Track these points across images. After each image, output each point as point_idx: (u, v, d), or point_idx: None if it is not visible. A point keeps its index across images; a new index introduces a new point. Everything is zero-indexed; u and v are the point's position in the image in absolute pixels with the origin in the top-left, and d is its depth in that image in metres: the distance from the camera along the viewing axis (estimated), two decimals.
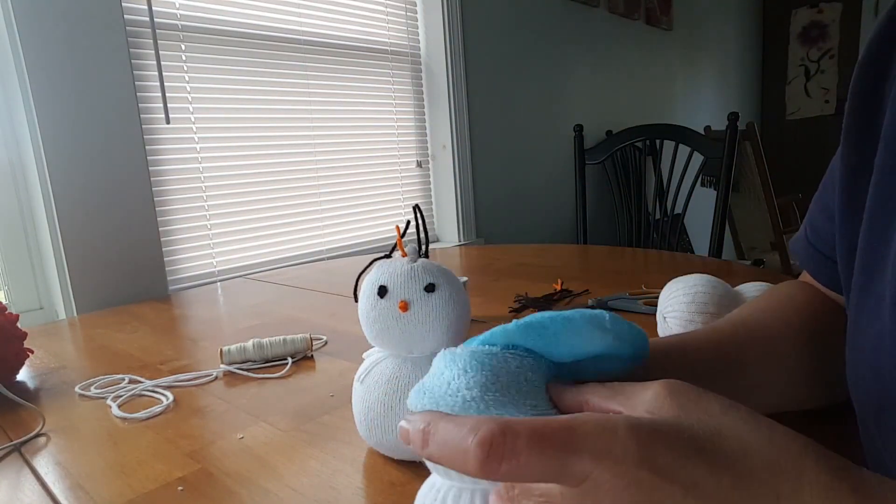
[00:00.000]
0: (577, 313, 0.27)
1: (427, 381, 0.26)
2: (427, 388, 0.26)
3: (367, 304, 0.39)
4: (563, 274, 1.01)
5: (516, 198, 2.11)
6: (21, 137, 1.05)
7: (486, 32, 1.93)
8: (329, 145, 1.59)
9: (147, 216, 1.17)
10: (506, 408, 0.24)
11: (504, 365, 0.26)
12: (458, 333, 0.40)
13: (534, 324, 0.26)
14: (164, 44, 1.23)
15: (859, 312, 0.31)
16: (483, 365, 0.25)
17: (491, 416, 0.21)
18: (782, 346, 0.39)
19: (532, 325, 0.26)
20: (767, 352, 0.38)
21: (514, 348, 0.27)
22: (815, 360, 0.39)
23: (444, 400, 0.24)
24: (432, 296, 0.39)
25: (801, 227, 0.44)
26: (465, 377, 0.25)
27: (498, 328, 0.27)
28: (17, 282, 1.09)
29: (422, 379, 0.27)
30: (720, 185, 1.62)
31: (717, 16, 3.41)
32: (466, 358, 0.26)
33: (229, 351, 0.65)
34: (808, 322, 0.40)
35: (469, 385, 0.24)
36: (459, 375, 0.25)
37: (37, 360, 0.75)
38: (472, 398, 0.24)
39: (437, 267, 0.40)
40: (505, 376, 0.25)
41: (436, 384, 0.26)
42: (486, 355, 0.26)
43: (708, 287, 0.56)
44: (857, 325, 0.31)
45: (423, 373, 0.39)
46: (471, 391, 0.24)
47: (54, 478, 0.44)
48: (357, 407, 0.42)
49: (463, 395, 0.24)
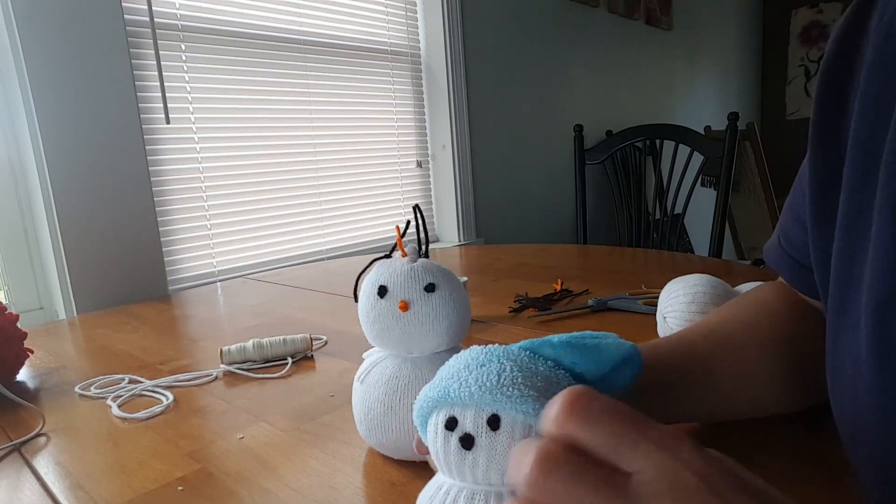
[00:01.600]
0: (601, 335, 0.29)
1: (466, 375, 0.26)
2: (472, 381, 0.25)
3: (367, 304, 0.39)
4: (563, 274, 1.01)
5: (516, 198, 2.11)
6: (21, 137, 1.05)
7: (486, 32, 1.93)
8: (329, 145, 1.59)
9: (147, 216, 1.17)
10: None
11: (540, 370, 0.27)
12: (459, 333, 0.40)
13: (573, 340, 0.28)
14: (164, 44, 1.23)
15: (838, 332, 0.30)
16: (521, 366, 0.26)
17: None
18: (753, 355, 0.39)
19: (572, 342, 0.28)
20: (738, 361, 0.38)
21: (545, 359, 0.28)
22: (787, 368, 0.38)
23: (496, 391, 0.25)
24: (432, 296, 0.39)
25: (774, 233, 0.42)
26: (512, 373, 0.26)
27: (537, 341, 0.28)
28: (17, 282, 1.09)
29: (442, 376, 0.27)
30: (720, 185, 1.62)
31: (717, 16, 3.41)
32: (508, 354, 0.27)
33: (229, 351, 0.65)
34: (781, 328, 0.40)
35: (515, 378, 0.25)
36: (510, 368, 0.26)
37: (37, 360, 0.75)
38: (527, 394, 0.25)
39: (437, 267, 0.40)
40: (542, 376, 0.27)
41: (482, 375, 0.26)
42: (528, 358, 0.27)
43: (708, 287, 0.56)
44: (836, 344, 0.30)
45: (423, 373, 0.39)
46: (519, 386, 0.25)
47: (54, 478, 0.44)
48: (357, 407, 0.42)
49: (518, 388, 0.25)
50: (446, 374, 0.27)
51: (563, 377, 0.27)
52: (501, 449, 0.24)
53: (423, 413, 0.27)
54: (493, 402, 0.24)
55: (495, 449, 0.24)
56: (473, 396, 0.25)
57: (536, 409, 0.24)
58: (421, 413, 0.27)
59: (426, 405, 0.27)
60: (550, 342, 0.28)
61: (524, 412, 0.24)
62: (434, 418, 0.26)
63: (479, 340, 0.69)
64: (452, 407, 0.25)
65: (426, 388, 0.27)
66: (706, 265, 1.02)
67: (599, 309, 0.77)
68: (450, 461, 0.25)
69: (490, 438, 0.24)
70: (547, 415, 0.20)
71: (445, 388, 0.26)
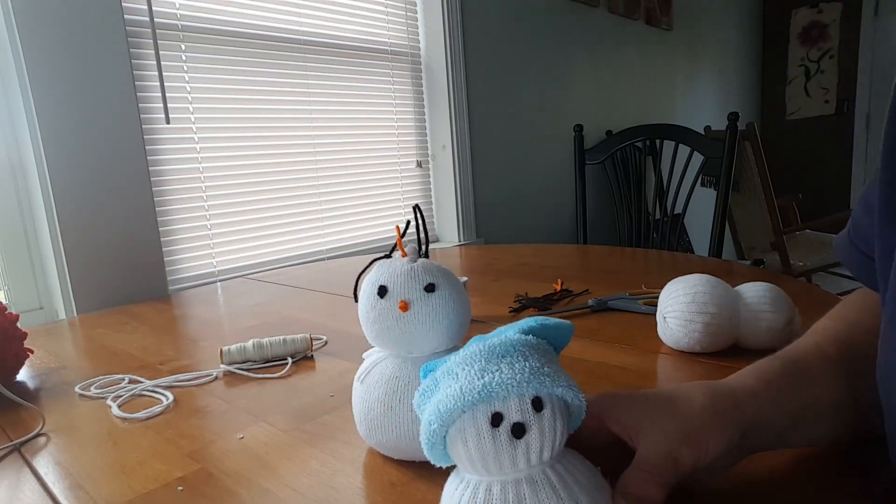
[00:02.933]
0: (544, 318, 0.31)
1: (495, 368, 0.27)
2: (506, 371, 0.26)
3: (367, 304, 0.39)
4: (563, 274, 1.01)
5: (516, 198, 2.11)
6: (21, 137, 1.05)
7: (486, 32, 1.93)
8: (329, 145, 1.59)
9: (147, 216, 1.17)
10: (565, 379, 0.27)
11: (545, 348, 0.29)
12: (459, 333, 0.40)
13: (545, 322, 0.30)
14: (164, 44, 1.23)
15: (894, 331, 0.29)
16: (536, 349, 0.28)
17: None
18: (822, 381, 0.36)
19: (546, 324, 0.30)
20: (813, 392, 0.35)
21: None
22: (849, 391, 0.35)
23: (535, 375, 0.26)
24: (432, 296, 0.38)
25: (847, 225, 0.40)
26: (536, 355, 0.28)
27: (524, 325, 0.30)
28: (17, 282, 1.09)
29: (458, 375, 0.27)
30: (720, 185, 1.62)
31: (717, 16, 3.41)
32: (521, 340, 0.29)
33: (229, 351, 0.65)
34: (847, 348, 0.37)
35: (541, 361, 0.27)
36: (530, 352, 0.28)
37: (37, 360, 0.75)
38: (549, 372, 0.27)
39: (437, 267, 0.40)
40: (551, 356, 0.29)
41: (513, 364, 0.27)
42: (535, 341, 0.29)
43: (708, 287, 0.56)
44: (891, 344, 0.29)
45: (419, 370, 0.39)
46: (543, 367, 0.27)
47: (54, 478, 0.44)
48: (357, 407, 0.42)
49: (549, 366, 0.27)
50: (466, 375, 0.26)
51: (553, 352, 0.30)
52: (549, 427, 0.25)
53: (448, 422, 0.26)
54: (539, 386, 0.26)
55: (544, 428, 0.25)
56: (520, 385, 0.25)
57: (568, 382, 0.26)
58: (446, 422, 0.26)
59: (457, 411, 0.26)
60: (532, 327, 0.30)
61: (561, 387, 0.26)
62: (470, 420, 0.25)
63: None
64: (491, 402, 0.25)
65: (449, 397, 0.26)
66: (706, 265, 1.02)
67: (599, 309, 0.77)
68: (502, 457, 0.25)
69: (538, 420, 0.25)
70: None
71: (486, 386, 0.25)
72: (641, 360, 0.58)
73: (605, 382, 0.54)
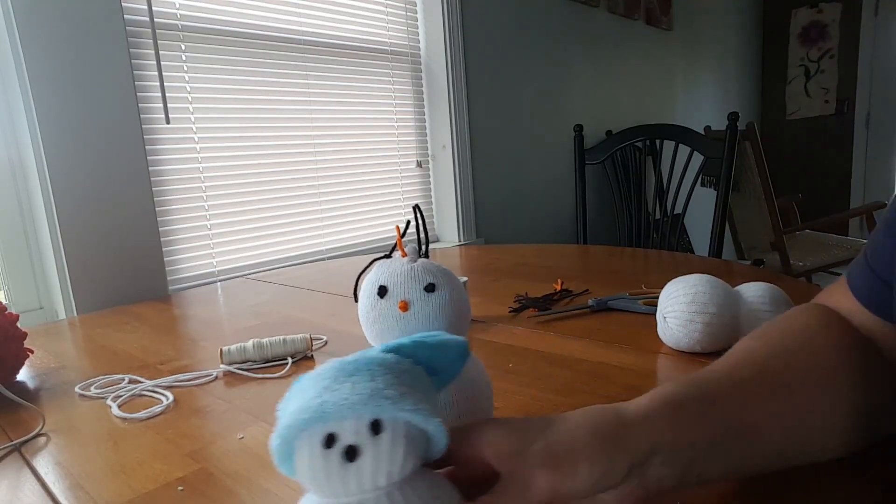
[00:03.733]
0: (436, 333, 0.31)
1: (338, 387, 0.25)
2: (347, 391, 0.25)
3: (366, 304, 0.39)
4: (563, 274, 1.01)
5: (516, 198, 2.11)
6: (21, 137, 1.05)
7: (486, 32, 1.93)
8: (329, 145, 1.59)
9: (147, 216, 1.17)
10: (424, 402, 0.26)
11: (406, 368, 0.28)
12: (459, 333, 0.40)
13: (424, 339, 0.30)
14: (164, 44, 1.23)
15: None
16: (390, 369, 0.27)
17: None
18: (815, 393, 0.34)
19: (425, 341, 0.29)
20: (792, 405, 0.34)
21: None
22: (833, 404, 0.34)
23: (376, 396, 0.25)
24: (432, 296, 0.38)
25: (863, 249, 0.39)
26: (385, 376, 0.26)
27: (393, 343, 0.29)
28: (17, 282, 1.09)
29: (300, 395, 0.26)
30: (720, 185, 1.62)
31: (717, 16, 3.41)
32: (376, 359, 0.27)
33: (229, 351, 0.65)
34: (764, 370, 0.35)
35: (389, 381, 0.26)
36: (382, 372, 0.26)
37: (37, 360, 0.75)
38: (393, 396, 0.25)
39: (437, 267, 0.40)
40: (409, 377, 0.27)
41: (357, 383, 0.25)
42: (393, 359, 0.28)
43: (708, 287, 0.56)
44: None
45: None
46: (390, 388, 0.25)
47: (54, 478, 0.44)
48: None
49: (395, 388, 0.25)
50: (312, 392, 0.26)
51: (422, 373, 0.29)
52: (387, 451, 0.24)
53: (288, 439, 0.25)
54: (376, 407, 0.24)
55: (381, 452, 0.24)
56: (355, 406, 0.24)
57: (415, 404, 0.25)
58: (286, 440, 0.25)
59: (295, 428, 0.24)
60: (405, 343, 0.29)
61: (404, 410, 0.25)
62: (306, 440, 0.25)
63: (480, 340, 0.69)
64: (327, 423, 0.24)
65: (289, 414, 0.25)
66: (706, 265, 1.02)
67: (599, 309, 0.77)
68: (333, 479, 0.24)
69: (374, 444, 0.24)
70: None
71: (321, 405, 0.24)
72: (641, 360, 0.58)
73: (604, 382, 0.54)
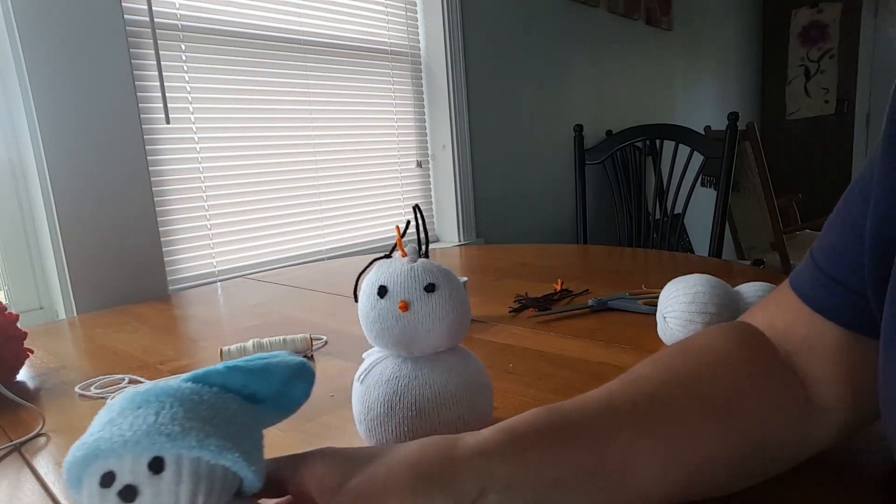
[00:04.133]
0: (271, 355, 0.29)
1: (121, 422, 0.24)
2: (125, 427, 0.23)
3: (367, 305, 0.39)
4: (563, 274, 1.01)
5: (516, 198, 2.11)
6: (21, 137, 1.05)
7: (486, 32, 1.93)
8: (329, 145, 1.59)
9: (147, 216, 1.17)
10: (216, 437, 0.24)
11: (206, 399, 0.26)
12: (459, 333, 0.40)
13: (240, 364, 0.28)
14: (164, 44, 1.23)
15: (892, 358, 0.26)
16: (183, 401, 0.25)
17: None
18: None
19: (238, 366, 0.28)
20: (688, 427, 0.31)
21: (211, 387, 0.27)
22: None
23: (154, 431, 0.23)
24: (432, 296, 0.38)
25: (805, 259, 0.36)
26: (172, 409, 0.24)
27: (202, 371, 0.28)
28: (17, 282, 1.09)
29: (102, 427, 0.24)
30: (720, 185, 1.62)
31: (717, 16, 3.41)
32: (168, 390, 0.26)
33: (229, 351, 0.65)
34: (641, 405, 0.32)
35: (175, 414, 0.24)
36: (170, 405, 0.25)
37: (37, 360, 0.75)
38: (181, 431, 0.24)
39: (437, 267, 0.40)
40: (207, 409, 0.26)
41: (138, 418, 0.24)
42: (190, 390, 0.26)
43: (708, 287, 0.56)
44: (890, 369, 0.26)
45: (423, 372, 0.39)
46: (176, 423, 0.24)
47: (54, 478, 0.44)
48: (357, 407, 0.42)
49: (180, 423, 0.24)
50: (97, 424, 0.24)
51: (231, 400, 0.27)
52: (168, 490, 0.23)
53: (74, 474, 0.24)
54: (152, 445, 0.23)
55: (161, 492, 0.23)
56: (128, 444, 0.23)
57: (201, 440, 0.23)
58: (72, 474, 0.24)
59: (75, 466, 0.23)
60: (217, 369, 0.27)
61: (188, 447, 0.23)
62: (87, 478, 0.23)
63: (480, 340, 0.69)
64: (107, 460, 0.23)
65: (75, 447, 0.24)
66: (706, 265, 1.02)
67: (599, 309, 0.77)
68: None
69: (154, 484, 0.23)
70: None
71: (95, 442, 0.23)
72: (641, 360, 0.58)
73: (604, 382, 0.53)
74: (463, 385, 0.39)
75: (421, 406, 0.38)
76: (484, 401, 0.41)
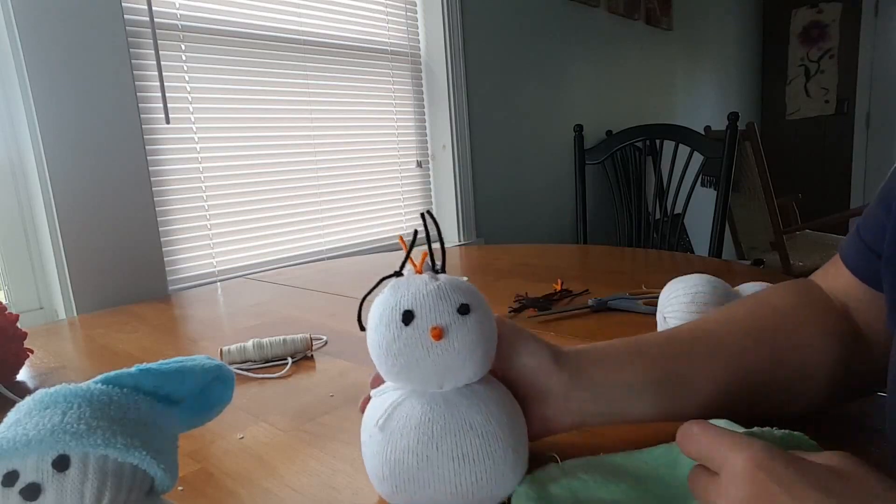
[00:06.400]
0: (189, 358, 0.30)
1: (26, 422, 0.24)
2: (30, 427, 0.24)
3: (387, 335, 0.32)
4: (563, 274, 1.01)
5: (516, 198, 2.11)
6: (21, 137, 1.05)
7: (486, 32, 1.93)
8: (329, 145, 1.59)
9: (147, 216, 1.17)
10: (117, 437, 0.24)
11: (116, 400, 0.27)
12: (490, 360, 0.35)
13: (154, 366, 0.29)
14: (164, 44, 1.23)
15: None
16: (91, 401, 0.26)
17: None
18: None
19: (151, 368, 0.28)
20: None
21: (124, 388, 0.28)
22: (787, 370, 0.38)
23: (59, 430, 0.23)
24: (467, 318, 0.32)
25: (856, 222, 0.41)
26: (80, 409, 0.25)
27: (114, 373, 0.28)
28: (17, 282, 1.09)
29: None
30: (720, 185, 1.62)
31: (717, 16, 3.41)
32: (77, 391, 0.26)
33: (229, 351, 0.65)
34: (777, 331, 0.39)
35: (82, 413, 0.24)
36: (77, 405, 0.25)
37: (37, 360, 0.75)
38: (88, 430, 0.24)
39: (464, 283, 0.34)
40: (116, 409, 0.26)
41: (44, 418, 0.24)
42: (100, 391, 0.27)
43: (708, 287, 0.56)
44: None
45: (455, 409, 0.33)
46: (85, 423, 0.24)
47: None
48: (376, 460, 0.34)
49: (86, 422, 0.24)
50: (3, 427, 0.25)
51: (142, 400, 0.27)
52: (72, 488, 0.23)
53: None
54: (56, 443, 0.23)
55: (65, 491, 0.23)
56: (31, 443, 0.23)
57: (107, 438, 0.24)
58: None
59: None
60: (129, 371, 0.28)
61: (94, 444, 0.23)
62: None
63: None
64: (10, 460, 0.23)
65: None
66: (706, 265, 1.02)
67: (599, 309, 0.77)
68: None
69: (59, 481, 0.23)
70: None
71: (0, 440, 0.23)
72: None
73: None
74: (504, 422, 0.33)
75: (465, 451, 0.32)
76: (522, 429, 0.35)
